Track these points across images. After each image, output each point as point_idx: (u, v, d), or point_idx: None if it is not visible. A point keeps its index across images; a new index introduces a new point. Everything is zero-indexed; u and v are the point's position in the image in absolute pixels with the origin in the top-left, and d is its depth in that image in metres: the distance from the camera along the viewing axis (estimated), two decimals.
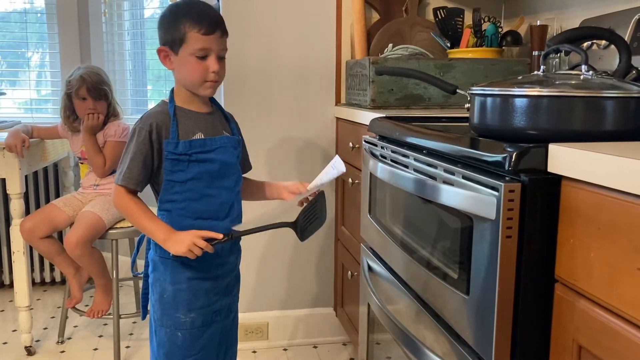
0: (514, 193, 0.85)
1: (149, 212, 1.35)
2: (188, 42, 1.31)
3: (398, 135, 1.31)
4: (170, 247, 1.30)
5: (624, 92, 0.92)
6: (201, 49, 1.32)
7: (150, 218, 1.33)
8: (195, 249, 1.28)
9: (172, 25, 1.33)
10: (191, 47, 1.31)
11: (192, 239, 1.28)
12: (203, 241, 1.28)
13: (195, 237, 1.28)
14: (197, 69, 1.33)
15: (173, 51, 1.34)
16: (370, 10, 2.23)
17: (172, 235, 1.30)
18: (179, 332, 1.39)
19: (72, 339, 2.41)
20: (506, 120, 0.95)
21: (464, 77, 1.83)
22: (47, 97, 3.16)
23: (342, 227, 2.18)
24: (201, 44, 1.31)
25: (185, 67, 1.34)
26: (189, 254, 1.29)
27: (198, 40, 1.31)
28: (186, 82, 1.36)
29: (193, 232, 1.29)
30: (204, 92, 1.37)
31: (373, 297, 1.43)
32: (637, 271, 0.69)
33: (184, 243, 1.28)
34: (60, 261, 2.26)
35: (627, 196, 0.70)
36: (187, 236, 1.29)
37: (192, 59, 1.32)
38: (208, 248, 1.29)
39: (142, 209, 1.34)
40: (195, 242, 1.28)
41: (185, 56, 1.32)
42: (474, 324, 0.94)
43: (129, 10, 3.04)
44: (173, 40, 1.33)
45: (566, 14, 1.87)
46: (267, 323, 2.29)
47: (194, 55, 1.32)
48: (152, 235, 1.34)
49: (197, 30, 1.30)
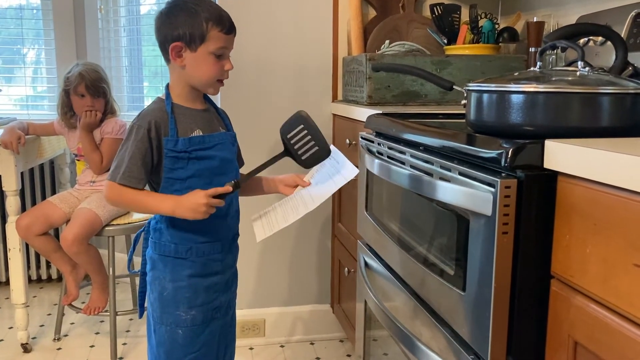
0: (510, 189, 0.85)
1: (144, 191, 1.33)
2: (209, 40, 1.30)
3: (394, 131, 1.31)
4: (186, 215, 1.29)
5: (620, 89, 0.92)
6: (222, 48, 1.32)
7: (149, 195, 1.33)
8: (211, 210, 1.29)
9: (190, 22, 1.30)
10: (212, 45, 1.31)
11: (205, 200, 1.27)
12: (216, 200, 1.29)
13: (207, 198, 1.27)
14: (215, 68, 1.33)
15: (189, 48, 1.31)
16: (367, 6, 2.23)
17: (181, 202, 1.29)
18: (180, 330, 1.39)
19: (68, 336, 2.41)
20: (502, 117, 0.95)
21: (460, 74, 1.83)
22: (42, 93, 3.15)
23: (338, 223, 2.18)
24: (223, 43, 1.32)
25: (201, 66, 1.32)
26: (206, 216, 1.29)
27: (220, 39, 1.31)
28: (200, 80, 1.35)
29: (202, 194, 1.28)
30: (214, 90, 1.38)
31: (370, 293, 1.44)
32: (633, 267, 0.69)
33: (200, 209, 1.27)
34: (57, 258, 2.26)
35: (622, 192, 0.70)
36: (199, 199, 1.27)
37: (211, 57, 1.32)
38: (220, 203, 1.30)
39: (137, 190, 1.32)
40: (210, 202, 1.28)
41: (204, 54, 1.31)
42: (470, 320, 0.94)
43: (125, 6, 3.03)
44: (192, 37, 1.30)
45: (563, 10, 1.87)
46: (264, 320, 2.30)
47: (214, 53, 1.32)
48: (157, 210, 1.33)
49: (220, 29, 1.31)
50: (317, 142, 1.36)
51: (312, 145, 1.36)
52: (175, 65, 1.35)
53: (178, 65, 1.34)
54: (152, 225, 1.42)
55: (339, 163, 1.40)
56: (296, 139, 1.36)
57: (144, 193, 1.32)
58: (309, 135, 1.36)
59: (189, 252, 1.37)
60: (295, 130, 1.36)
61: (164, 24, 1.33)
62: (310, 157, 1.37)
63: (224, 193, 1.30)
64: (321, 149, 1.37)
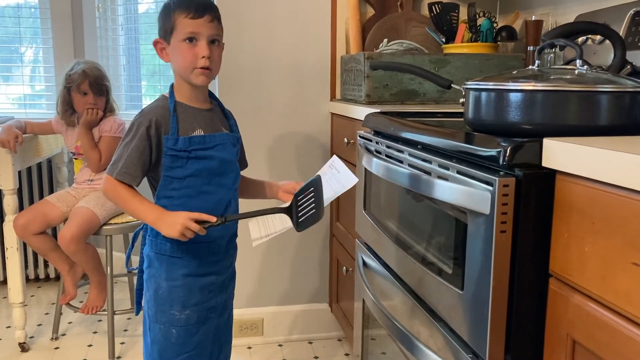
0: (508, 188, 0.85)
1: (138, 195, 1.33)
2: (177, 28, 1.31)
3: (393, 130, 1.31)
4: (162, 229, 1.27)
5: (619, 87, 0.92)
6: (189, 33, 1.30)
7: (139, 200, 1.32)
8: (188, 232, 1.26)
9: (163, 16, 1.34)
10: (180, 32, 1.31)
11: (185, 222, 1.25)
12: (196, 224, 1.26)
13: (188, 220, 1.25)
14: (188, 55, 1.31)
15: (166, 41, 1.34)
16: (365, 5, 2.22)
17: (163, 217, 1.28)
18: (174, 329, 1.39)
19: (66, 335, 2.40)
20: (501, 115, 0.95)
21: (458, 72, 1.83)
22: (40, 92, 3.14)
23: (337, 222, 2.18)
24: (190, 28, 1.30)
25: (177, 56, 1.33)
26: (182, 238, 1.26)
27: (186, 25, 1.30)
28: (180, 70, 1.35)
29: (185, 215, 1.26)
30: (196, 79, 1.33)
31: (368, 292, 1.43)
32: (631, 265, 0.69)
33: (176, 227, 1.25)
34: (55, 257, 2.25)
35: (621, 190, 0.70)
36: (179, 219, 1.26)
37: (183, 44, 1.31)
38: (201, 231, 1.27)
39: (132, 192, 1.32)
40: (188, 225, 1.25)
41: (176, 43, 1.32)
42: (469, 319, 0.94)
43: (123, 5, 3.02)
44: (165, 31, 1.33)
45: (561, 9, 1.87)
46: (262, 319, 2.29)
47: (184, 40, 1.31)
48: (142, 217, 1.32)
49: (185, 15, 1.30)
50: (316, 206, 1.34)
51: (312, 208, 1.34)
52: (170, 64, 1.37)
53: (168, 62, 1.37)
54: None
55: (340, 172, 1.39)
56: (302, 201, 1.34)
57: (136, 198, 1.32)
58: (313, 198, 1.34)
59: (184, 252, 1.37)
60: (306, 192, 1.34)
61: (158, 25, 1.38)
62: (306, 220, 1.34)
63: (207, 221, 1.27)
64: (317, 213, 1.34)
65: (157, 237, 1.38)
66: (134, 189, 1.34)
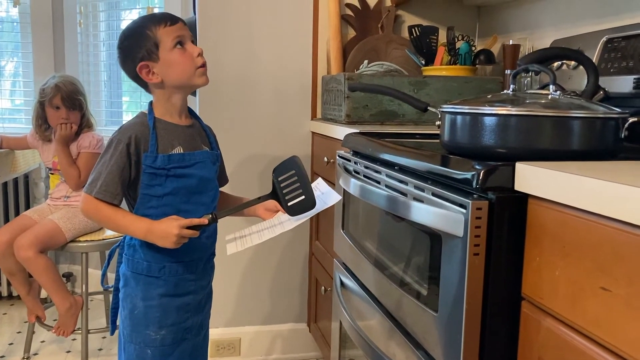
0: (481, 211, 0.85)
1: (121, 210, 1.31)
2: (162, 39, 1.32)
3: (371, 151, 1.32)
4: (156, 242, 1.28)
5: (591, 113, 0.94)
6: (177, 37, 1.33)
7: (123, 215, 1.30)
8: (183, 240, 1.28)
9: (138, 42, 1.33)
10: (167, 41, 1.32)
11: (178, 232, 1.26)
12: (188, 231, 1.27)
13: (180, 229, 1.26)
14: (185, 57, 1.33)
15: (153, 60, 1.33)
16: (347, 26, 2.25)
17: (154, 229, 1.27)
18: (149, 350, 1.37)
19: (38, 354, 2.35)
20: (475, 138, 0.96)
21: (437, 94, 1.85)
22: (19, 107, 3.11)
23: (316, 241, 2.17)
24: (175, 32, 1.33)
25: (173, 65, 1.33)
26: (177, 246, 1.28)
27: (169, 32, 1.33)
28: (182, 77, 1.35)
29: (175, 224, 1.26)
30: (200, 80, 1.37)
31: (344, 313, 1.43)
32: (600, 290, 0.69)
33: (170, 239, 1.26)
34: (19, 279, 2.18)
35: (591, 215, 0.71)
36: (170, 229, 1.26)
37: (175, 51, 1.33)
38: (195, 235, 1.29)
39: (114, 209, 1.30)
40: (181, 234, 1.26)
41: (168, 54, 1.32)
42: (443, 341, 0.94)
43: (105, 21, 3.02)
44: (147, 51, 1.32)
45: (538, 34, 1.90)
46: (239, 339, 2.27)
47: (175, 47, 1.33)
48: (131, 232, 1.31)
49: (163, 25, 1.33)
50: (304, 191, 1.35)
51: (300, 194, 1.35)
52: (154, 85, 1.36)
53: (156, 83, 1.35)
54: (127, 241, 1.40)
55: (324, 193, 1.39)
56: (286, 184, 1.35)
57: (120, 213, 1.31)
58: (298, 182, 1.35)
59: (162, 271, 1.35)
60: (287, 175, 1.36)
61: (125, 60, 1.37)
62: (297, 205, 1.35)
63: (199, 225, 1.29)
64: (307, 199, 1.35)
65: (134, 256, 1.36)
66: (115, 205, 1.32)
